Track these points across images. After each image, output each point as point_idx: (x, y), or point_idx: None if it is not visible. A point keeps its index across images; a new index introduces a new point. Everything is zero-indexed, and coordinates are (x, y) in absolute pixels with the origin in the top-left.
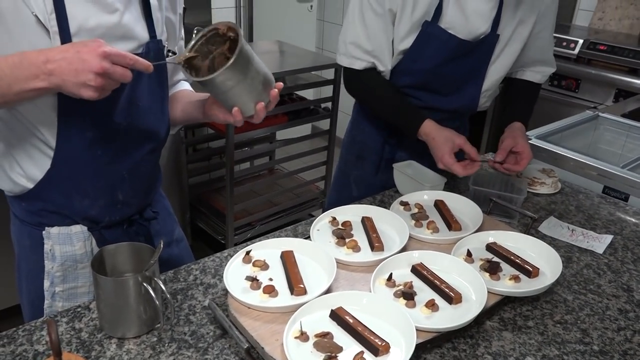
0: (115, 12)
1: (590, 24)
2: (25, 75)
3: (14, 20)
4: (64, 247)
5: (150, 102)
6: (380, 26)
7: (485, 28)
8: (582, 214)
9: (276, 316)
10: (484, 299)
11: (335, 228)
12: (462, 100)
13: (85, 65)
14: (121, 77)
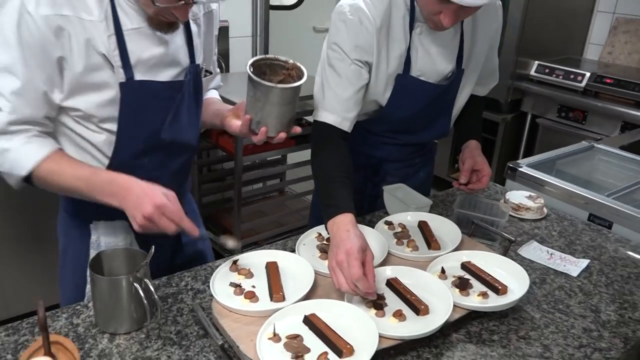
0: (164, 44)
1: (600, 57)
2: (104, 197)
3: (84, 60)
4: (109, 238)
5: (188, 118)
6: (352, 80)
7: (452, 67)
8: (564, 240)
9: (254, 319)
10: (449, 311)
11: (319, 243)
12: (435, 133)
13: (140, 206)
14: (164, 228)
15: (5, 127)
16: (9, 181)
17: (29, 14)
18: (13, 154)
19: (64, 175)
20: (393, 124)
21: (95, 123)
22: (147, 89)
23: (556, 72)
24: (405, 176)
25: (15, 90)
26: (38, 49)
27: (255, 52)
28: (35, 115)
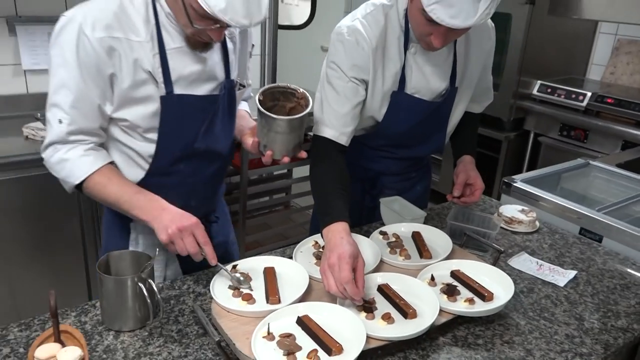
0: (202, 61)
1: (602, 78)
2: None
3: (132, 76)
4: (146, 237)
5: (222, 129)
6: (349, 97)
7: (445, 85)
8: (554, 252)
9: (251, 320)
10: (435, 315)
11: (316, 250)
12: (430, 148)
13: (178, 219)
14: (188, 247)
15: (65, 137)
16: (64, 186)
17: (85, 36)
18: (70, 164)
19: (108, 191)
20: (389, 138)
21: (140, 133)
22: (184, 102)
23: (558, 91)
24: (402, 189)
25: (73, 104)
26: (93, 67)
27: (264, 70)
28: (91, 126)
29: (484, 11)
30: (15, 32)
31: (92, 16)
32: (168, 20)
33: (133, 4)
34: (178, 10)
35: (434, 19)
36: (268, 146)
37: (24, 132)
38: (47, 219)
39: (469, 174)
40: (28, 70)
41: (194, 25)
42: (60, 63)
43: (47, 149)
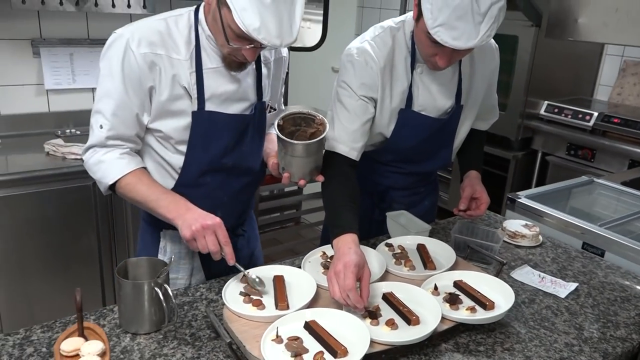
0: (236, 82)
1: (609, 98)
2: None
3: (169, 90)
4: (174, 245)
5: (251, 147)
6: (359, 115)
7: (451, 103)
8: (557, 265)
9: (261, 324)
10: (437, 322)
11: (323, 260)
12: (437, 163)
13: (202, 218)
14: (209, 245)
15: (104, 141)
16: (100, 187)
17: (131, 51)
18: (105, 166)
19: (137, 190)
20: (397, 153)
21: (172, 144)
22: (214, 118)
23: (565, 111)
24: (411, 203)
25: (114, 111)
26: (135, 79)
27: None
28: (129, 133)
29: (485, 33)
30: (39, 53)
31: (138, 33)
32: (208, 42)
33: (177, 26)
34: (217, 30)
35: (438, 40)
36: (286, 168)
37: (45, 148)
38: (65, 232)
39: (475, 188)
40: (50, 90)
41: (230, 43)
42: (106, 74)
43: (87, 152)
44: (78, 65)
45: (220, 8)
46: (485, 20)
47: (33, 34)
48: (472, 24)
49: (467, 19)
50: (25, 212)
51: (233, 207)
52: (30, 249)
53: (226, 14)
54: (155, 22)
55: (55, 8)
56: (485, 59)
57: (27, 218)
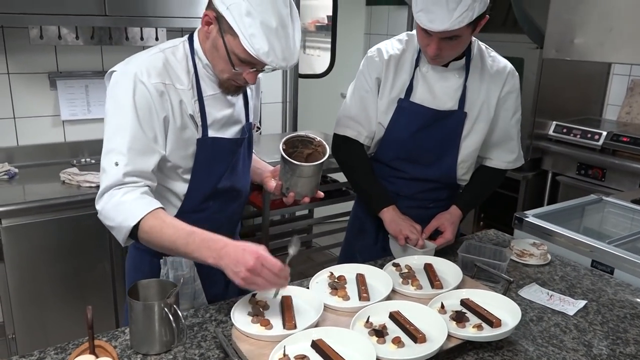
0: (231, 106)
1: (618, 117)
2: (202, 253)
3: (180, 119)
4: (176, 271)
5: (242, 168)
6: (369, 102)
7: (452, 104)
8: (565, 283)
9: (268, 344)
10: (443, 340)
11: (330, 281)
12: (441, 170)
13: (242, 260)
14: (266, 279)
15: (122, 178)
16: (118, 236)
17: (141, 83)
18: (127, 206)
19: (164, 232)
20: (397, 146)
21: (179, 173)
22: (217, 144)
23: (574, 131)
24: (419, 218)
25: (130, 145)
26: (147, 110)
27: (285, 117)
28: (146, 167)
29: (457, 18)
30: (56, 86)
31: (145, 66)
32: (205, 71)
33: (175, 57)
34: (218, 57)
35: (418, 23)
36: (290, 189)
37: (60, 177)
38: (79, 258)
39: (441, 221)
40: (66, 121)
41: (235, 69)
42: (114, 111)
43: (102, 198)
44: (93, 97)
45: (224, 36)
46: (458, 8)
47: (50, 68)
48: (445, 9)
49: (442, 5)
50: (41, 239)
51: (229, 228)
52: (46, 274)
53: (230, 40)
54: (154, 55)
55: (72, 42)
56: (496, 77)
57: (43, 245)
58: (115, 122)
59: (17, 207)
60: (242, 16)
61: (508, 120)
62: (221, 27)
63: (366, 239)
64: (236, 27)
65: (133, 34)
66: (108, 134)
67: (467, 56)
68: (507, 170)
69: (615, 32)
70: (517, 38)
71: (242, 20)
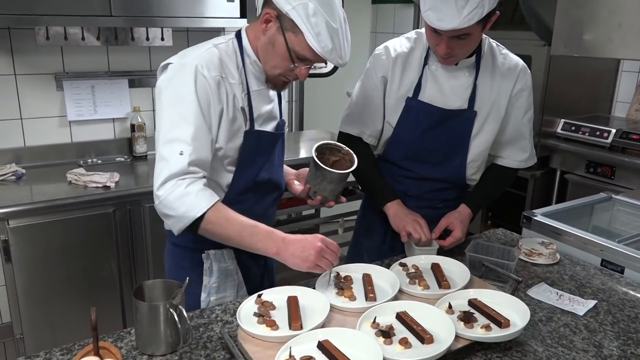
0: (271, 102)
1: (627, 115)
2: (266, 243)
3: (232, 111)
4: (220, 264)
5: (278, 161)
6: (374, 101)
7: (461, 103)
8: (575, 282)
9: (274, 344)
10: (451, 341)
11: (337, 281)
12: (450, 170)
13: (309, 245)
14: (330, 256)
15: (186, 167)
16: (176, 225)
17: (203, 76)
18: (192, 197)
19: (230, 221)
20: (404, 144)
21: (225, 164)
22: (261, 137)
23: (582, 129)
24: (427, 218)
25: (195, 135)
26: (207, 102)
27: (291, 116)
28: (207, 157)
29: (467, 16)
30: (62, 86)
31: (204, 60)
32: (252, 67)
33: (227, 53)
34: (273, 54)
35: (427, 22)
36: (318, 192)
37: (67, 178)
38: (86, 258)
39: (450, 220)
40: (72, 122)
41: (294, 64)
42: (176, 102)
43: (164, 185)
44: (99, 97)
45: (285, 33)
46: (467, 5)
47: (57, 69)
48: (454, 8)
49: (450, 3)
50: (48, 240)
51: (265, 221)
52: (53, 275)
53: (292, 38)
54: (209, 50)
55: (78, 43)
56: (508, 75)
57: (50, 245)
58: (177, 111)
59: (24, 207)
60: (309, 16)
61: (520, 119)
62: (282, 25)
63: (374, 239)
64: (303, 25)
65: (139, 34)
66: (168, 123)
67: (477, 54)
68: (519, 169)
69: (625, 27)
70: (524, 35)
71: (309, 20)
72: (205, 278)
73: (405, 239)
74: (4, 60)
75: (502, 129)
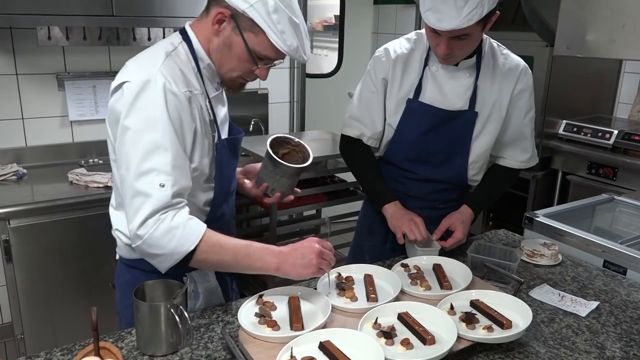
0: (225, 105)
1: (629, 116)
2: (264, 262)
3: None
4: (204, 283)
5: (235, 166)
6: (373, 103)
7: (462, 104)
8: (577, 284)
9: (275, 345)
10: (453, 342)
11: (338, 282)
12: (451, 171)
13: (308, 251)
14: (329, 257)
15: (170, 200)
16: (164, 263)
17: (172, 93)
18: (181, 231)
19: (224, 247)
20: (406, 145)
21: (201, 184)
22: (231, 145)
23: (584, 130)
24: (429, 219)
25: (174, 162)
26: (180, 122)
27: (292, 117)
28: (188, 184)
29: (466, 16)
30: (64, 86)
31: (169, 75)
32: (206, 72)
33: (182, 60)
34: (229, 56)
35: (427, 23)
36: (277, 189)
37: (69, 178)
38: (88, 257)
39: (451, 221)
40: (74, 122)
41: (257, 65)
42: (147, 126)
43: (145, 223)
44: (101, 97)
45: (243, 34)
46: (467, 6)
47: (58, 68)
48: (454, 8)
49: (450, 3)
50: (49, 240)
51: (230, 230)
52: (54, 274)
53: (251, 38)
54: (167, 61)
55: (79, 43)
56: (509, 75)
57: (52, 245)
58: (150, 138)
59: (25, 207)
60: (270, 13)
61: (521, 119)
62: (239, 25)
63: (375, 239)
64: (264, 24)
65: (141, 34)
66: (141, 152)
67: (478, 54)
68: (521, 169)
69: (628, 28)
70: (526, 36)
71: (270, 17)
72: (190, 302)
73: (402, 241)
74: (6, 60)
75: (504, 129)
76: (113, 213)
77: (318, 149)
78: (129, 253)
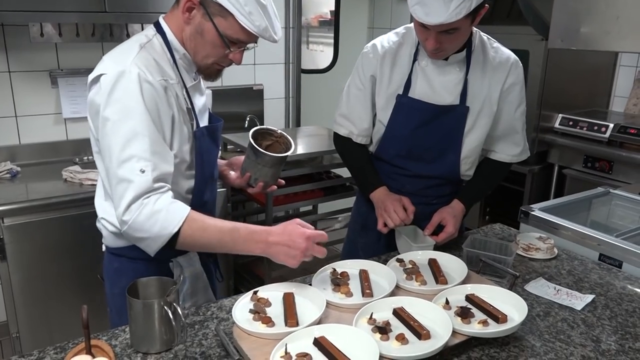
0: (203, 94)
1: (625, 109)
2: (249, 246)
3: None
4: (190, 268)
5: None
6: (361, 100)
7: (452, 99)
8: (572, 277)
9: (270, 342)
10: (448, 336)
11: (333, 277)
12: (444, 167)
13: (296, 244)
14: (318, 254)
15: (152, 185)
16: (151, 247)
17: (147, 82)
18: (164, 214)
19: (208, 230)
20: (397, 142)
21: (182, 171)
22: (210, 132)
23: (580, 124)
24: (422, 215)
25: (152, 148)
26: (157, 110)
27: (287, 112)
28: (170, 169)
29: (454, 10)
30: (57, 83)
31: (143, 65)
32: (182, 61)
33: (157, 52)
34: (202, 43)
35: (414, 17)
36: (260, 179)
37: (63, 175)
38: (83, 255)
39: (443, 215)
40: (68, 119)
41: (230, 49)
42: (124, 116)
43: (129, 208)
44: None
45: (213, 19)
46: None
47: (51, 65)
48: (442, 2)
49: None
50: (44, 238)
51: None
52: (49, 273)
53: (221, 22)
54: (141, 52)
55: (72, 39)
56: (499, 68)
57: (46, 243)
58: (127, 127)
59: (19, 205)
60: None
61: (512, 113)
62: (208, 11)
63: (369, 237)
64: (231, 7)
65: (133, 30)
66: (120, 141)
67: (467, 48)
68: (512, 163)
69: (622, 20)
70: (521, 30)
71: (238, 0)
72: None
73: (384, 230)
74: None
75: (495, 123)
76: (99, 204)
77: (314, 145)
78: (114, 241)
